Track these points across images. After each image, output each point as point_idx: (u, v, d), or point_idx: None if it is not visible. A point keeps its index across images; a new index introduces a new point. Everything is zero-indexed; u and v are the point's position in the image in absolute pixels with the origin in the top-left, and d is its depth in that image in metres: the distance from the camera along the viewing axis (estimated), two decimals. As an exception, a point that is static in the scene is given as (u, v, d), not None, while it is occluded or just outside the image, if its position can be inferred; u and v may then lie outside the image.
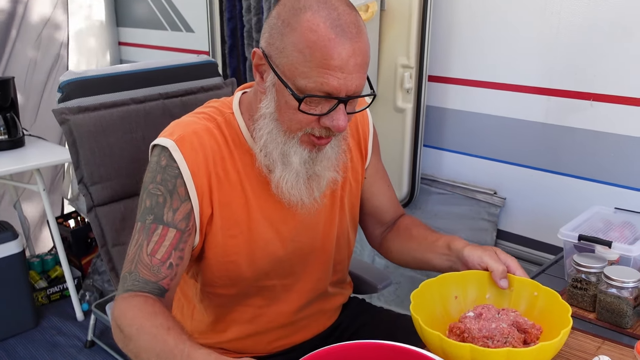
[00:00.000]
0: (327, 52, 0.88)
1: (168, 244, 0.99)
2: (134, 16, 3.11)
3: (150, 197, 1.01)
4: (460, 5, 1.76)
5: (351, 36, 0.90)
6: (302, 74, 0.90)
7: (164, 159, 1.00)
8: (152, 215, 1.00)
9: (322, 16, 0.89)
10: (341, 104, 0.93)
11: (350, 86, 0.92)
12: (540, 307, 0.95)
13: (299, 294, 1.18)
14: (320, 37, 0.88)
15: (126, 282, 0.98)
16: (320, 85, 0.90)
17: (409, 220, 1.28)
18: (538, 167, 1.70)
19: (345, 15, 0.91)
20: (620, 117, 1.51)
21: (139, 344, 0.88)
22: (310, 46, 0.89)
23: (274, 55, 0.94)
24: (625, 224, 1.29)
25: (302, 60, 0.90)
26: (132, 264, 0.99)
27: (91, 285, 2.67)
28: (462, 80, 1.81)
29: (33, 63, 2.94)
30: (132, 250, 1.00)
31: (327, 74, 0.89)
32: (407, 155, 1.90)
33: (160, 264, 0.98)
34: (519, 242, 1.80)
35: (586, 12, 1.52)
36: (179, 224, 1.00)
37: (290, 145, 0.98)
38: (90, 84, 1.35)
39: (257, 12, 2.40)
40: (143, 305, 0.93)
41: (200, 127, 1.03)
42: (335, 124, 0.94)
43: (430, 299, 0.97)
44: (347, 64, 0.90)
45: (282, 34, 0.92)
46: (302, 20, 0.90)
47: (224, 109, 1.09)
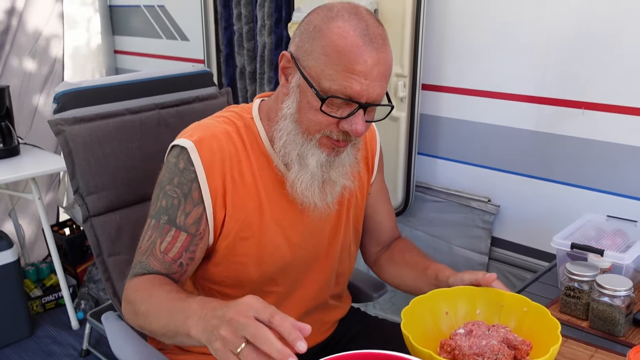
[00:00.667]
0: (353, 58, 0.93)
1: (179, 246, 1.04)
2: (129, 25, 3.12)
3: (167, 198, 1.05)
4: (452, 15, 1.78)
5: (377, 46, 0.95)
6: (328, 76, 0.95)
7: (182, 162, 1.04)
8: (167, 216, 1.04)
9: (352, 25, 0.95)
10: (361, 109, 0.97)
11: (372, 93, 0.96)
12: (530, 323, 0.96)
13: (300, 303, 1.18)
14: (348, 43, 0.93)
15: (136, 269, 1.04)
16: (344, 89, 0.94)
17: (403, 244, 1.31)
18: (531, 174, 1.71)
19: (374, 27, 0.96)
20: (612, 126, 1.52)
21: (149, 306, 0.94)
22: (339, 50, 0.94)
23: (302, 58, 0.99)
24: (617, 232, 1.30)
25: (329, 63, 0.95)
26: (143, 256, 1.04)
27: (86, 293, 2.66)
28: (456, 89, 1.83)
29: (28, 71, 2.94)
30: (144, 244, 1.05)
31: (352, 78, 0.94)
32: (402, 163, 1.91)
33: (172, 262, 1.04)
34: (513, 249, 1.81)
35: (577, 21, 1.53)
36: (189, 228, 1.04)
37: (309, 147, 1.01)
38: (85, 94, 1.36)
39: (248, 20, 2.41)
40: (154, 279, 1.00)
41: (220, 130, 1.06)
42: (354, 128, 0.98)
43: (420, 315, 0.98)
44: (371, 71, 0.94)
45: (313, 38, 0.97)
46: (332, 27, 0.95)
47: (244, 113, 1.12)
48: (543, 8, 1.58)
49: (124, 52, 3.22)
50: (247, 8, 2.39)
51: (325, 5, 1.00)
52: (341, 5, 0.99)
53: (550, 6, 1.57)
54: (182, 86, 1.52)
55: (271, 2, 2.25)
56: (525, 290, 1.29)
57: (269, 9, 2.26)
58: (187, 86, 1.53)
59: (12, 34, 2.84)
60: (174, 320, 0.87)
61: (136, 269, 1.05)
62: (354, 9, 0.98)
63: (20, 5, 2.83)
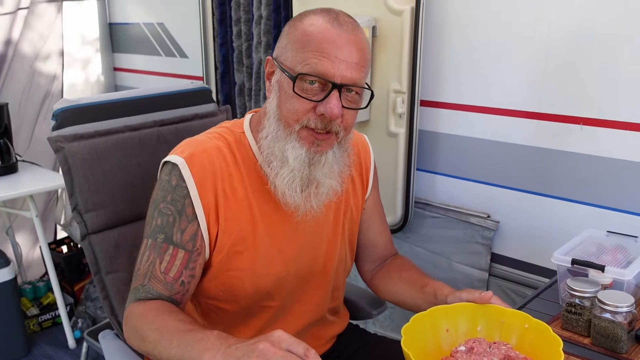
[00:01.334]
0: (322, 37, 0.97)
1: (179, 264, 1.04)
2: (128, 42, 3.13)
3: (162, 216, 1.05)
4: (450, 31, 1.79)
5: (347, 29, 0.98)
6: (300, 60, 0.98)
7: (174, 179, 1.04)
8: (163, 235, 1.04)
9: (322, 15, 1.00)
10: (335, 90, 0.97)
11: (346, 75, 0.97)
12: (531, 339, 0.95)
13: (297, 317, 1.18)
14: (317, 28, 0.98)
15: (138, 293, 1.03)
16: (314, 66, 0.96)
17: (400, 261, 1.30)
18: (531, 190, 1.71)
19: (343, 16, 1.01)
20: (611, 141, 1.52)
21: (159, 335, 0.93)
22: (308, 34, 0.98)
23: (280, 55, 1.03)
24: (617, 247, 1.30)
25: (300, 49, 0.98)
26: (144, 278, 1.03)
27: (84, 312, 2.64)
28: (454, 105, 1.83)
29: (27, 89, 2.95)
30: (143, 265, 1.05)
31: (322, 56, 0.96)
32: (401, 179, 1.91)
33: (174, 281, 1.03)
34: (513, 265, 1.80)
35: (574, 38, 1.54)
36: (186, 244, 1.04)
37: (289, 141, 1.02)
38: (84, 111, 1.36)
39: (247, 38, 2.42)
40: (162, 306, 1.00)
41: (211, 146, 1.07)
42: (329, 109, 0.97)
43: (421, 332, 0.97)
44: (341, 49, 0.96)
45: (287, 34, 1.02)
46: (304, 20, 1.01)
47: (235, 128, 1.13)
48: (541, 25, 1.60)
49: (123, 69, 3.24)
50: (246, 26, 2.41)
51: (301, 13, 1.06)
52: (314, 8, 1.04)
53: (548, 23, 1.58)
54: (181, 103, 1.52)
55: (268, 20, 2.27)
56: (526, 306, 1.28)
57: (265, 26, 2.27)
58: (186, 103, 1.53)
59: (12, 52, 2.86)
60: (188, 352, 0.87)
61: (139, 293, 1.03)
62: (326, 8, 1.03)
63: (20, 24, 2.85)
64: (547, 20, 1.58)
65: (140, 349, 0.99)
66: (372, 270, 1.32)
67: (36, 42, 2.95)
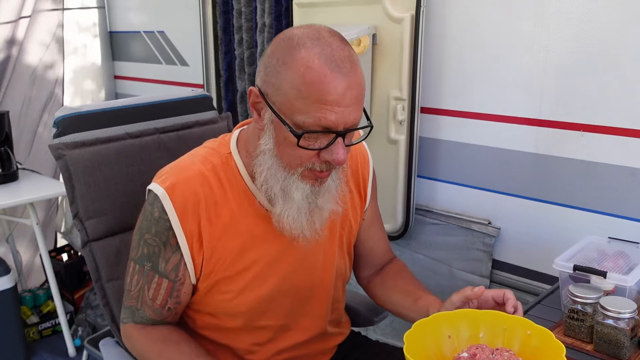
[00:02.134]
0: (323, 88, 0.90)
1: (164, 293, 1.08)
2: (129, 50, 3.15)
3: (147, 246, 1.07)
4: (450, 38, 1.79)
5: (346, 71, 0.92)
6: (300, 110, 0.92)
7: (157, 211, 1.04)
8: (150, 263, 1.07)
9: (317, 53, 0.91)
10: (339, 137, 0.94)
11: (348, 119, 0.93)
12: (534, 346, 0.95)
13: (299, 332, 1.17)
14: (315, 73, 0.90)
15: (135, 315, 1.10)
16: (318, 120, 0.91)
17: (396, 268, 1.30)
18: (531, 197, 1.71)
19: (339, 51, 0.93)
20: (611, 147, 1.53)
21: None
22: (306, 82, 0.90)
23: (271, 93, 0.95)
24: (619, 254, 1.30)
25: (299, 97, 0.91)
26: (137, 301, 1.09)
27: (84, 320, 2.63)
28: (454, 112, 1.84)
29: (28, 97, 2.95)
30: (134, 289, 1.09)
31: (324, 109, 0.91)
32: (401, 186, 1.91)
33: (161, 308, 1.09)
34: (514, 272, 1.80)
35: (574, 45, 1.55)
36: (169, 274, 1.07)
37: (291, 182, 0.99)
38: (85, 119, 1.36)
39: (249, 45, 2.44)
40: (166, 337, 1.08)
41: (194, 173, 1.05)
42: (335, 157, 0.95)
43: (423, 339, 0.96)
44: (343, 98, 0.91)
45: (278, 72, 0.93)
46: (297, 58, 0.91)
47: (221, 149, 1.10)
48: (540, 32, 1.60)
49: (123, 77, 3.24)
50: (248, 34, 2.42)
51: (285, 33, 0.97)
52: (301, 32, 0.94)
53: (547, 30, 1.59)
54: (182, 110, 1.52)
55: (270, 28, 2.28)
56: (528, 313, 1.28)
57: (268, 34, 2.29)
58: (187, 110, 1.53)
59: (13, 60, 2.86)
60: None
61: (135, 316, 1.10)
62: (315, 34, 0.93)
63: (21, 32, 2.86)
64: (546, 27, 1.59)
65: None
66: (368, 277, 1.31)
67: (37, 51, 2.96)
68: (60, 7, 3.01)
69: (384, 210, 1.92)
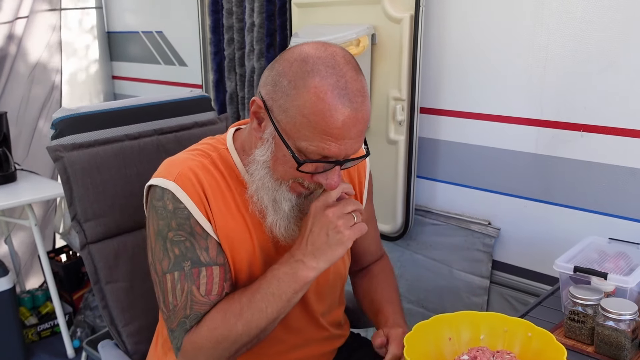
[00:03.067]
0: (332, 122, 0.90)
1: (218, 280, 1.02)
2: (127, 50, 3.14)
3: (177, 245, 1.01)
4: (450, 38, 1.79)
5: (356, 106, 0.92)
6: (304, 137, 0.92)
7: (170, 203, 1.00)
8: (189, 261, 1.01)
9: (330, 84, 0.90)
10: (337, 165, 0.96)
11: (349, 150, 0.95)
12: (535, 348, 0.95)
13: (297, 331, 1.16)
14: (327, 106, 0.90)
15: (186, 325, 1.01)
16: (321, 150, 0.93)
17: (379, 269, 1.32)
18: (531, 197, 1.71)
19: (353, 83, 0.92)
20: (612, 148, 1.52)
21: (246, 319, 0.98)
22: (316, 112, 0.90)
23: (277, 111, 0.95)
24: (619, 255, 1.29)
25: (307, 125, 0.91)
26: (185, 310, 1.01)
27: (83, 321, 2.62)
28: (454, 112, 1.83)
29: (26, 97, 2.94)
30: (180, 299, 1.00)
31: (329, 141, 0.92)
32: (401, 187, 1.91)
33: (219, 298, 1.02)
34: (514, 272, 1.80)
35: (573, 45, 1.54)
36: (217, 259, 1.03)
37: (281, 192, 1.00)
38: (83, 120, 1.35)
39: (240, 46, 2.41)
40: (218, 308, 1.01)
41: (195, 164, 1.04)
42: (329, 182, 0.97)
43: (423, 341, 0.96)
44: (349, 133, 0.92)
45: (287, 95, 0.93)
46: (309, 85, 0.90)
47: (218, 145, 1.10)
48: (540, 31, 1.60)
49: (122, 77, 3.24)
50: (239, 34, 2.40)
51: (300, 53, 0.94)
52: (316, 54, 0.92)
53: (547, 29, 1.58)
54: (180, 111, 1.52)
55: (260, 27, 2.26)
56: (528, 314, 1.27)
57: (258, 34, 2.26)
58: (185, 111, 1.53)
59: (11, 61, 2.86)
60: (283, 293, 0.98)
61: (187, 324, 1.01)
62: (330, 61, 0.92)
63: (19, 32, 2.85)
64: (545, 26, 1.58)
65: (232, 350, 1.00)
66: (355, 272, 1.35)
67: (35, 51, 2.95)
68: (58, 7, 3.00)
69: (383, 211, 1.92)
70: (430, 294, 2.00)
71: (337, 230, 0.96)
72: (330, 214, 0.96)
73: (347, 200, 0.99)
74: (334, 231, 0.96)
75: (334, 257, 0.98)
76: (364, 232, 0.98)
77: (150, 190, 1.05)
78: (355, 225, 0.98)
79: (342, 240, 0.96)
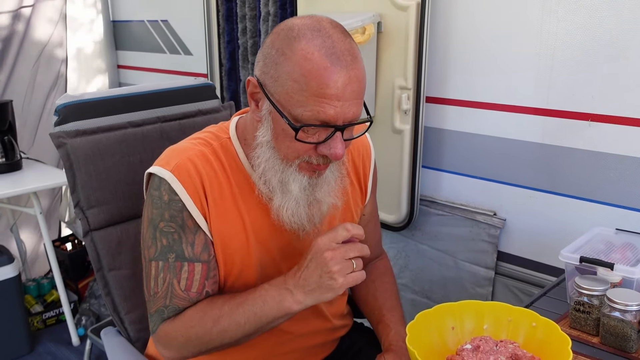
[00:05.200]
0: (322, 81, 0.88)
1: (199, 277, 1.02)
2: (132, 39, 3.13)
3: (165, 236, 1.01)
4: (456, 27, 1.77)
5: (346, 64, 0.90)
6: (298, 102, 0.90)
7: (166, 194, 1.00)
8: (174, 254, 1.01)
9: (317, 44, 0.89)
10: (338, 131, 0.93)
11: (347, 114, 0.92)
12: (539, 338, 0.94)
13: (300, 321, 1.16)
14: (315, 65, 0.88)
15: (164, 314, 1.02)
16: (316, 114, 0.90)
17: (378, 272, 1.30)
18: (537, 187, 1.69)
19: (340, 43, 0.91)
20: (619, 138, 1.50)
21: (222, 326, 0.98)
22: (306, 75, 0.89)
23: (269, 84, 0.94)
24: (626, 245, 1.28)
25: (298, 89, 0.89)
26: (165, 299, 1.02)
27: (87, 309, 2.64)
28: (460, 101, 1.81)
29: (31, 86, 2.95)
30: (161, 288, 1.02)
31: (324, 103, 0.89)
32: (406, 177, 1.89)
33: (198, 295, 1.02)
34: (519, 263, 1.78)
35: (582, 33, 1.52)
36: (201, 256, 1.02)
37: (289, 173, 0.98)
38: (86, 107, 1.35)
39: (252, 35, 2.42)
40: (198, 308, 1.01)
41: (195, 153, 1.03)
42: (332, 152, 0.94)
43: (426, 330, 0.95)
44: (343, 93, 0.89)
45: (277, 63, 0.92)
46: (296, 49, 0.90)
47: (220, 133, 1.09)
48: (548, 19, 1.57)
49: (127, 66, 3.23)
50: (252, 22, 2.40)
51: (286, 23, 0.94)
52: (302, 22, 0.93)
53: (556, 18, 1.56)
54: (184, 99, 1.51)
55: (275, 16, 2.26)
56: (533, 305, 1.26)
57: (272, 23, 2.27)
58: (189, 99, 1.52)
59: (16, 49, 2.86)
60: (264, 316, 0.96)
61: (164, 314, 1.02)
62: (316, 25, 0.92)
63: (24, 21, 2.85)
64: (554, 14, 1.56)
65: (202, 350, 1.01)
66: None
67: (40, 40, 2.95)
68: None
69: (388, 201, 1.91)
70: (435, 284, 2.00)
71: (330, 276, 0.93)
72: (329, 257, 0.93)
73: (351, 246, 0.95)
74: (328, 276, 0.93)
75: (322, 298, 0.95)
76: (359, 281, 0.95)
77: (150, 178, 1.05)
78: (352, 274, 0.94)
79: (333, 287, 0.93)
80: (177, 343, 1.02)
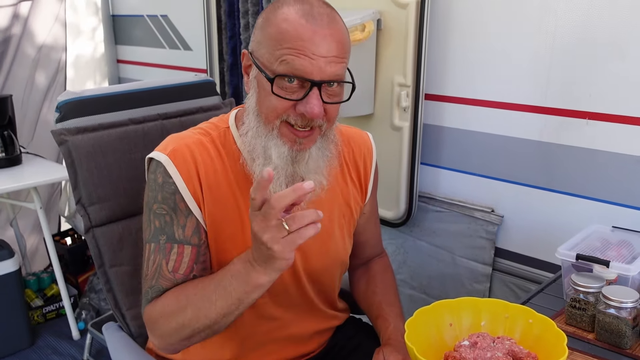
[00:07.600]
0: (297, 35, 0.93)
1: (188, 260, 1.03)
2: (132, 34, 3.13)
3: (158, 217, 1.03)
4: (455, 24, 1.78)
5: (322, 23, 0.95)
6: (276, 58, 0.95)
7: (160, 176, 1.03)
8: (165, 235, 1.03)
9: (296, 8, 0.95)
10: (315, 87, 0.95)
11: (325, 70, 0.94)
12: (535, 334, 0.95)
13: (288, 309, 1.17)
14: (291, 23, 0.94)
15: (148, 295, 1.04)
16: (292, 67, 0.94)
17: (377, 269, 1.32)
18: (535, 185, 1.70)
19: (318, 8, 0.97)
20: (617, 136, 1.51)
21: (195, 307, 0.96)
22: (282, 32, 0.94)
23: (256, 50, 1.00)
24: (622, 243, 1.29)
25: (276, 46, 0.95)
26: (152, 280, 1.03)
27: (88, 303, 2.65)
28: (459, 99, 1.82)
29: (31, 80, 2.94)
30: (150, 269, 1.04)
31: (298, 54, 0.93)
32: (405, 173, 1.91)
33: (185, 278, 1.03)
34: (517, 260, 1.80)
35: (581, 32, 1.53)
36: (191, 239, 1.03)
37: (270, 138, 1.00)
38: (87, 103, 1.35)
39: (255, 30, 2.42)
40: (174, 290, 1.01)
41: (193, 141, 1.06)
42: (309, 109, 0.95)
43: (424, 326, 0.97)
44: (318, 47, 0.93)
45: (262, 28, 0.99)
46: (278, 14, 0.96)
47: (220, 123, 1.12)
48: (547, 17, 1.58)
49: (126, 61, 3.23)
50: (254, 18, 2.41)
51: None
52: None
53: (554, 15, 1.57)
54: (185, 96, 1.51)
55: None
56: (530, 301, 1.28)
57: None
58: (190, 96, 1.52)
59: (16, 43, 2.85)
60: (234, 290, 0.92)
61: (149, 295, 1.04)
62: None
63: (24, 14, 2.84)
64: (553, 12, 1.57)
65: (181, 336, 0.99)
66: (353, 267, 1.33)
67: (39, 34, 2.94)
68: (63, -11, 2.99)
69: (387, 197, 1.92)
70: (433, 280, 2.01)
71: (266, 247, 0.84)
72: (256, 228, 0.85)
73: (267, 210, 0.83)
74: (264, 247, 0.85)
75: (277, 267, 0.88)
76: (299, 241, 0.83)
77: (150, 163, 1.08)
78: (287, 238, 0.83)
79: (274, 256, 0.85)
80: (160, 325, 1.01)
